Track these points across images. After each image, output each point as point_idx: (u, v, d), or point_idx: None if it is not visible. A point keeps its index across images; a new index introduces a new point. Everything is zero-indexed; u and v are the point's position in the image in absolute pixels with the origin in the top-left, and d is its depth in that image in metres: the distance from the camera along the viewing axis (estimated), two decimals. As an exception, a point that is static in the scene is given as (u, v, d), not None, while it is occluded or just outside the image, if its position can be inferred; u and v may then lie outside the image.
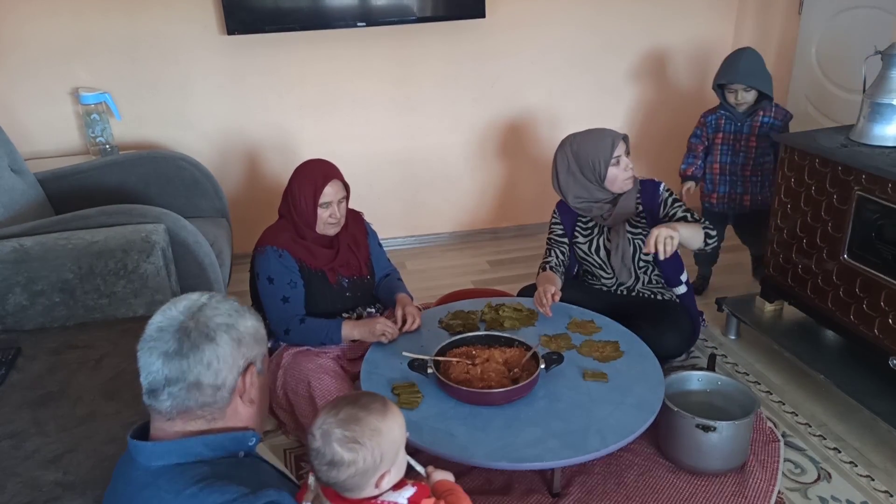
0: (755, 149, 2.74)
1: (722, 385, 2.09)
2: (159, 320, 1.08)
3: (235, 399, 1.10)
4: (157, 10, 3.00)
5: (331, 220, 2.19)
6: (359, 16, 3.10)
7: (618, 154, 2.29)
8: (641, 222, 2.37)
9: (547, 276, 2.40)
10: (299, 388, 2.12)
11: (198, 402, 1.07)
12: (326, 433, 1.13)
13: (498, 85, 3.48)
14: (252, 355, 1.12)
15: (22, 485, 1.44)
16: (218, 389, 1.07)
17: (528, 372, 1.89)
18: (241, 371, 1.10)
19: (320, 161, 2.24)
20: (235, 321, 1.10)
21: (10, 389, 1.77)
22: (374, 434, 1.13)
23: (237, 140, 3.31)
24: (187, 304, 1.10)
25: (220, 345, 1.07)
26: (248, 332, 1.12)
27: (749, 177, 2.79)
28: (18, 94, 3.00)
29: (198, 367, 1.05)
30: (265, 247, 2.17)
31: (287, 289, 2.16)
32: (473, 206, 3.73)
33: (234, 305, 1.13)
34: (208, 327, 1.07)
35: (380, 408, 1.17)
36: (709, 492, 1.93)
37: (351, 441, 1.12)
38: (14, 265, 2.00)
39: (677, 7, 3.52)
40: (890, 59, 2.16)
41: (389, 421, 1.16)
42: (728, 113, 2.77)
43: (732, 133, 2.78)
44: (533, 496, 1.92)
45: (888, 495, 1.93)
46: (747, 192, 2.82)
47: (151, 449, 1.05)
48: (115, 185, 2.69)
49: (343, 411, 1.15)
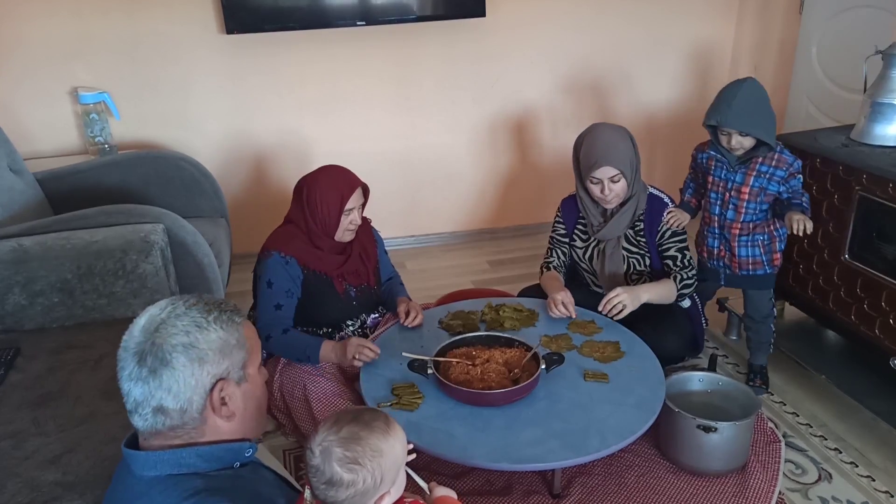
0: (748, 204, 2.21)
1: (723, 385, 2.09)
2: (124, 340, 1.05)
3: (210, 417, 1.06)
4: (157, 10, 2.99)
5: (350, 226, 2.18)
6: (358, 15, 3.10)
7: (598, 177, 2.19)
8: (640, 240, 2.32)
9: (552, 277, 2.38)
10: (295, 391, 2.11)
11: (166, 426, 1.03)
12: (326, 451, 1.08)
13: (498, 85, 3.48)
14: (220, 370, 1.05)
15: (22, 485, 1.43)
16: (184, 412, 1.03)
17: (529, 372, 1.89)
18: (209, 389, 1.04)
19: (339, 168, 2.21)
20: (195, 338, 1.03)
21: (9, 390, 1.77)
22: (376, 455, 1.09)
23: (237, 140, 3.30)
24: (145, 323, 1.04)
25: (178, 368, 1.01)
26: (212, 347, 1.04)
27: (738, 236, 2.26)
28: (18, 94, 3.00)
29: (159, 392, 1.01)
30: (272, 251, 2.14)
31: (283, 297, 2.14)
32: (473, 206, 3.72)
33: (195, 318, 1.05)
34: (163, 350, 1.01)
35: (382, 426, 1.12)
36: (710, 492, 1.92)
37: (351, 461, 1.07)
38: (13, 265, 2.00)
39: (677, 7, 3.51)
40: (891, 58, 2.16)
41: (392, 440, 1.12)
42: (719, 155, 2.24)
43: (722, 180, 2.24)
44: (533, 497, 1.91)
45: (889, 496, 1.93)
46: (735, 255, 2.29)
47: (144, 458, 1.03)
48: (115, 185, 2.69)
49: (345, 429, 1.10)
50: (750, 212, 2.22)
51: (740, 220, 2.24)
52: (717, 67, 3.68)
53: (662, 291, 2.24)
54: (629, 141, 2.24)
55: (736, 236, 2.26)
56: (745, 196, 2.20)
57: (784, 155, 2.15)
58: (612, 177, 2.18)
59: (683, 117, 3.73)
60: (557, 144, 3.65)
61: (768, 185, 2.17)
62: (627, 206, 2.27)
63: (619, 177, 2.18)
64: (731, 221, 2.25)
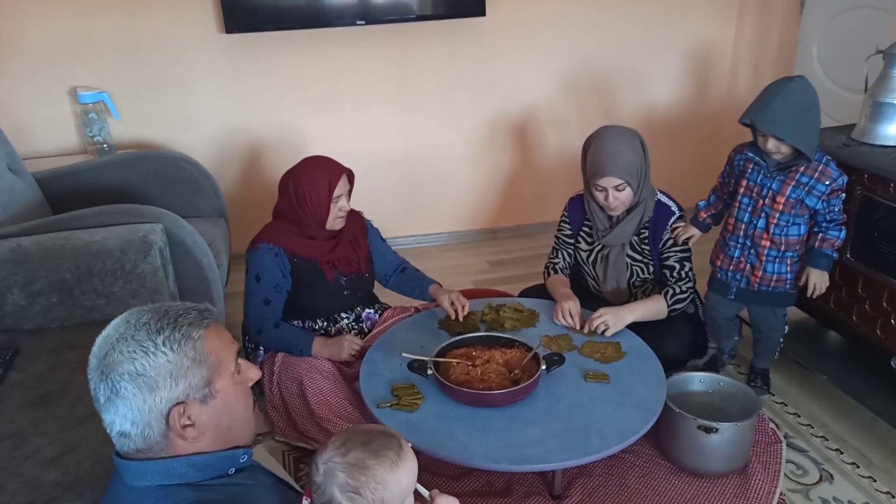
0: (780, 215, 2.03)
1: (724, 386, 2.09)
2: (90, 361, 1.01)
3: (175, 440, 1.01)
4: (157, 10, 2.99)
5: (340, 213, 2.21)
6: (358, 14, 3.09)
7: (602, 185, 2.17)
8: (645, 248, 2.29)
9: (560, 282, 2.36)
10: (293, 388, 2.12)
11: (133, 448, 1.01)
12: (330, 472, 1.05)
13: (498, 84, 3.47)
14: (175, 395, 0.99)
15: (22, 485, 1.43)
16: (146, 437, 1.00)
17: (529, 373, 1.88)
18: (165, 414, 0.99)
19: (321, 157, 2.25)
20: (142, 365, 0.97)
21: (9, 390, 1.77)
22: (379, 487, 1.04)
23: (236, 140, 3.30)
24: (100, 345, 1.01)
25: (127, 398, 0.97)
26: (161, 371, 0.98)
27: (767, 250, 2.09)
28: (17, 94, 2.99)
29: (117, 419, 0.99)
30: (260, 244, 2.17)
31: (271, 292, 2.17)
32: (473, 206, 3.72)
33: (141, 343, 0.98)
34: (111, 379, 0.98)
35: (392, 458, 1.06)
36: (711, 493, 1.92)
37: (352, 490, 1.04)
38: (12, 265, 1.99)
39: (677, 7, 3.51)
40: (891, 58, 2.16)
41: (399, 473, 1.06)
42: (758, 157, 2.05)
43: (757, 185, 2.05)
44: (534, 498, 1.91)
45: (889, 496, 1.93)
46: (758, 269, 2.13)
47: (135, 468, 1.01)
48: (114, 185, 2.68)
49: (352, 453, 1.05)
50: (782, 224, 2.04)
51: (771, 232, 2.06)
52: (717, 67, 3.68)
53: (650, 310, 2.20)
54: (638, 147, 2.18)
55: (765, 249, 2.08)
56: (779, 206, 2.02)
57: (830, 168, 1.97)
58: (617, 185, 2.15)
59: (683, 117, 3.73)
60: (557, 144, 3.65)
61: (806, 198, 1.99)
62: (634, 213, 2.24)
63: (624, 185, 2.15)
64: (762, 231, 2.07)
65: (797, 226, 2.05)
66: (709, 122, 3.77)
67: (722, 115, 3.73)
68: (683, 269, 2.24)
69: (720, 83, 3.71)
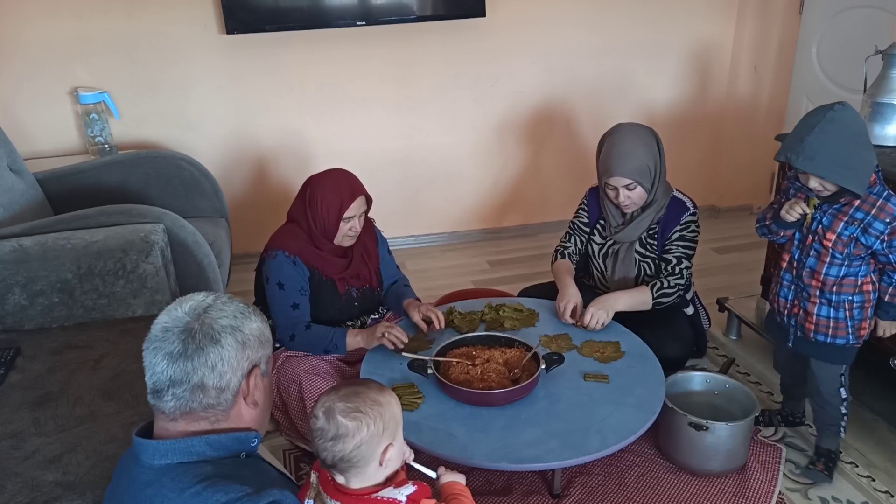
0: (832, 254, 1.75)
1: (730, 388, 2.09)
2: (164, 320, 1.08)
3: (239, 401, 1.10)
4: (157, 10, 3.00)
5: (350, 233, 2.17)
6: (358, 15, 3.10)
7: (613, 184, 2.16)
8: (652, 243, 2.28)
9: (566, 269, 2.34)
10: (291, 389, 2.11)
11: (201, 404, 1.06)
12: (329, 409, 1.17)
13: (498, 84, 3.48)
14: (256, 357, 1.12)
15: (22, 485, 1.44)
16: (222, 392, 1.07)
17: (529, 372, 1.89)
18: (246, 373, 1.10)
19: (345, 173, 2.19)
20: (240, 323, 1.10)
21: (9, 389, 1.77)
22: (375, 404, 1.18)
23: (237, 140, 3.30)
24: (193, 305, 1.09)
25: (225, 347, 1.06)
26: (253, 334, 1.11)
27: (819, 291, 1.80)
28: (18, 94, 3.00)
29: (202, 370, 1.05)
30: (277, 251, 2.13)
31: (297, 295, 2.13)
32: (473, 206, 3.73)
33: (239, 307, 1.12)
34: (213, 329, 1.06)
35: (377, 386, 1.23)
36: (710, 492, 1.92)
37: (354, 411, 1.16)
38: (13, 265, 2.00)
39: (677, 7, 3.51)
40: (890, 58, 2.16)
41: (388, 395, 1.22)
42: (807, 188, 1.75)
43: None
44: (533, 497, 1.92)
45: (889, 496, 1.93)
46: (811, 314, 1.84)
47: (155, 447, 1.05)
48: (115, 185, 2.69)
49: (343, 389, 1.21)
50: (836, 263, 1.76)
51: (822, 272, 1.78)
52: (717, 67, 3.68)
53: (636, 300, 2.19)
54: (652, 145, 2.17)
55: (816, 290, 1.81)
56: (829, 243, 1.74)
57: (890, 204, 1.68)
58: (627, 185, 2.15)
59: (683, 117, 3.73)
60: (558, 144, 3.66)
61: (862, 237, 1.70)
62: (648, 212, 2.23)
63: (635, 185, 2.15)
64: (812, 271, 1.80)
65: (855, 265, 1.76)
66: (709, 121, 3.77)
67: (721, 114, 3.73)
68: (680, 265, 2.23)
69: (720, 83, 3.71)
